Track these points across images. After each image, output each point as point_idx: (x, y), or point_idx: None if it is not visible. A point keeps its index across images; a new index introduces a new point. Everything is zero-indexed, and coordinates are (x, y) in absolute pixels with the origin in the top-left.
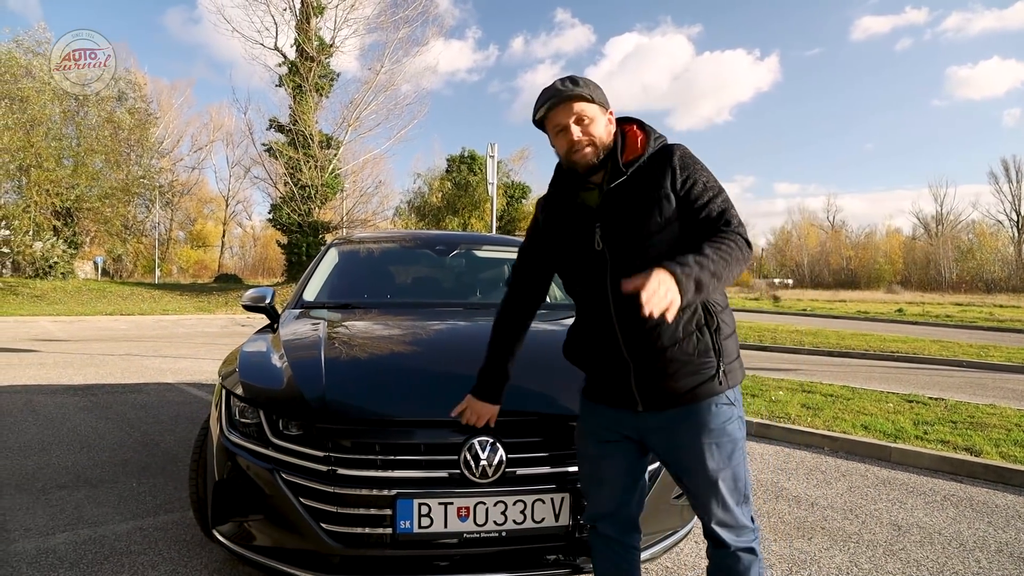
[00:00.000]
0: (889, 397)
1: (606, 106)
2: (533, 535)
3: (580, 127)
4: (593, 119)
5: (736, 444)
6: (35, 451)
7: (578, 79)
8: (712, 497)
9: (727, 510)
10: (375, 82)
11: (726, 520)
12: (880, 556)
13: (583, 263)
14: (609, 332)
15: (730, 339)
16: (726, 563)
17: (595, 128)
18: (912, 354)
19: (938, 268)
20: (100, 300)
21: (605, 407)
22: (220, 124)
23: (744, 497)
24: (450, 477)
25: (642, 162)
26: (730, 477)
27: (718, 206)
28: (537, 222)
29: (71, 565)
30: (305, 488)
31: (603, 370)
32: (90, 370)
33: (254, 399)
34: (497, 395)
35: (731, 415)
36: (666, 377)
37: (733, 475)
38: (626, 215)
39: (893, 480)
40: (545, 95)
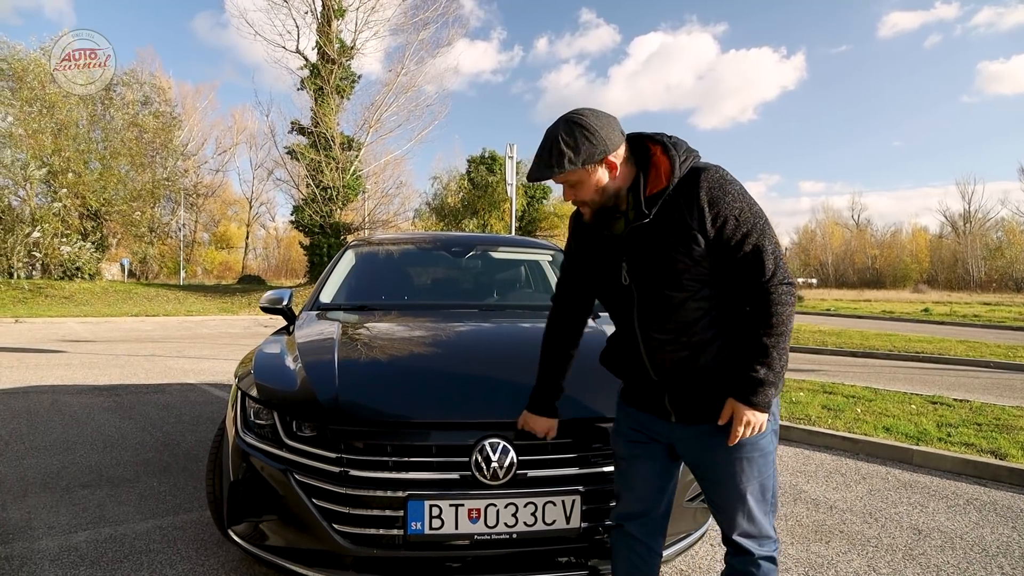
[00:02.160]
0: (912, 398)
1: (597, 158)
2: (544, 537)
3: (571, 191)
4: (579, 183)
5: (767, 457)
6: (60, 450)
7: (563, 143)
8: (739, 509)
9: (752, 521)
10: (395, 83)
11: (750, 531)
12: (899, 560)
13: (611, 293)
14: (638, 362)
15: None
16: (747, 570)
17: (584, 192)
18: (937, 354)
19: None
20: (126, 301)
21: (637, 411)
22: (243, 127)
23: (771, 507)
24: (461, 479)
25: (667, 195)
26: (758, 489)
27: (752, 244)
28: (570, 244)
29: (92, 563)
30: (318, 489)
31: (638, 384)
32: (115, 371)
33: (268, 400)
34: (552, 409)
35: (766, 429)
36: (700, 396)
37: (761, 487)
38: (652, 254)
39: (915, 483)
40: (531, 168)
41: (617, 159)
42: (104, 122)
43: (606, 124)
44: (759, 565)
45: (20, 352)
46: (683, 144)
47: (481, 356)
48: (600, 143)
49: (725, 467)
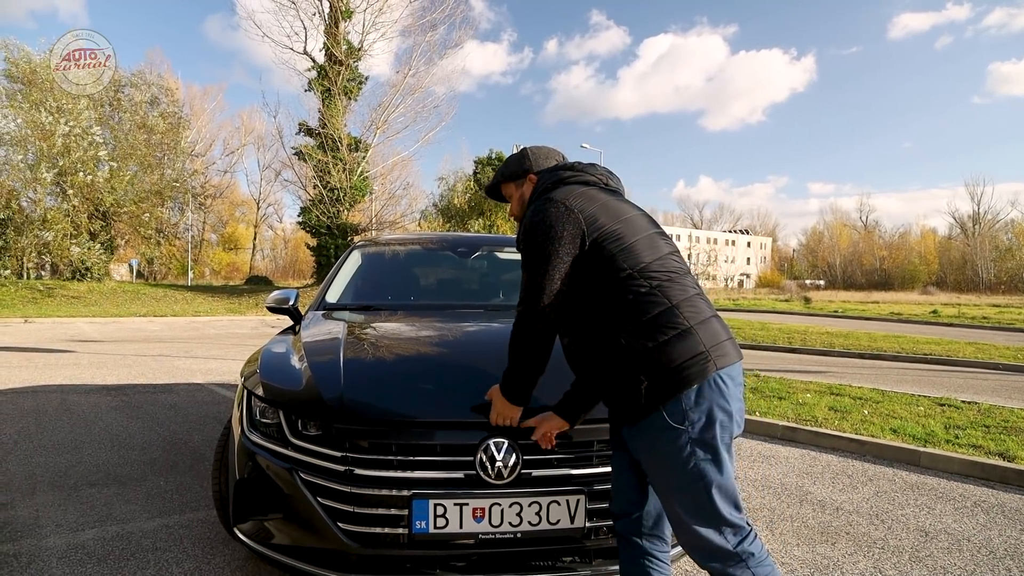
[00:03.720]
0: (920, 400)
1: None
2: (549, 536)
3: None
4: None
5: (685, 468)
6: (68, 449)
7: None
8: (671, 516)
9: (687, 532)
10: (403, 85)
11: (691, 542)
12: (905, 562)
13: None
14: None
15: (658, 349)
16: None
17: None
18: (946, 356)
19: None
20: (134, 302)
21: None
22: (251, 128)
23: (712, 521)
24: (466, 478)
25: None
26: (689, 499)
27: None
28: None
29: (99, 560)
30: (323, 488)
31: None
32: (123, 370)
33: (274, 400)
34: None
35: (672, 439)
36: (608, 399)
37: (692, 497)
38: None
39: (922, 485)
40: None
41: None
42: (113, 124)
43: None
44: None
45: (29, 352)
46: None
47: (487, 356)
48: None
49: (650, 472)
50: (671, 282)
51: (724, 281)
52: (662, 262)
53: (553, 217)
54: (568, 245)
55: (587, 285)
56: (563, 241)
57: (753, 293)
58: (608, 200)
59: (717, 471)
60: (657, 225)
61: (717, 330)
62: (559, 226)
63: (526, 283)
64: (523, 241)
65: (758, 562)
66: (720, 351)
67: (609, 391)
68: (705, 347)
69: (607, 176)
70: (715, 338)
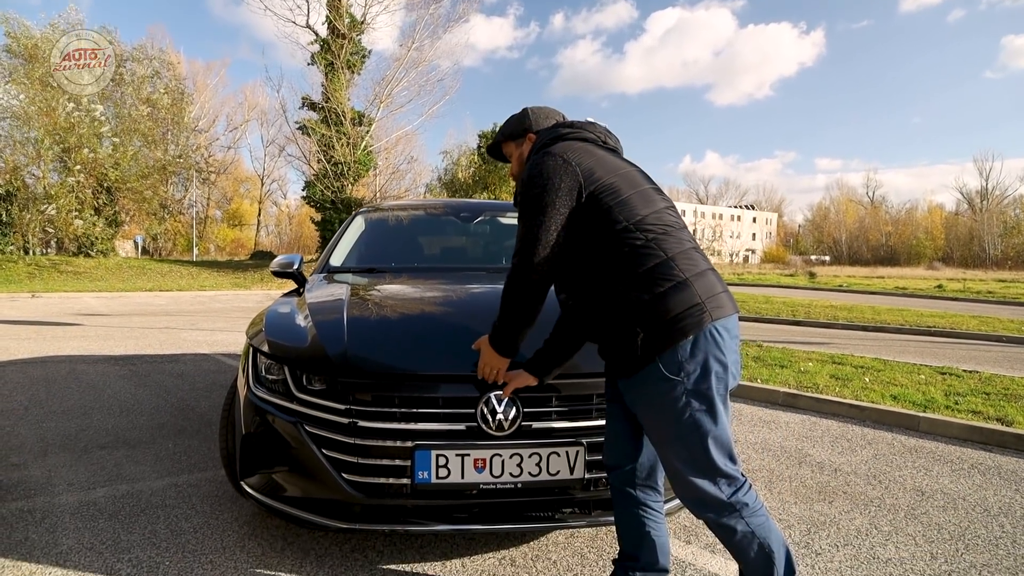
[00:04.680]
0: (921, 369)
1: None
2: (548, 487)
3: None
4: (509, 156)
5: (680, 419)
6: (78, 415)
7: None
8: (667, 467)
9: (683, 483)
10: (407, 58)
11: (686, 492)
12: (901, 519)
13: None
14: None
15: (654, 301)
16: (716, 532)
17: (513, 165)
18: (949, 328)
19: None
20: (140, 277)
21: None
22: (255, 103)
23: (707, 471)
24: (467, 430)
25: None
26: (684, 450)
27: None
28: None
29: (110, 516)
30: (328, 440)
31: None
32: (130, 342)
33: (279, 355)
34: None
35: (668, 390)
36: (604, 351)
37: (688, 448)
38: None
39: (920, 448)
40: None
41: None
42: (116, 99)
43: (541, 114)
44: (722, 529)
45: (37, 325)
46: (553, 132)
47: (489, 312)
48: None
49: (643, 421)
50: (666, 235)
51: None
52: (657, 215)
53: (551, 169)
54: (565, 197)
55: (583, 239)
56: (560, 193)
57: (758, 268)
58: (605, 155)
59: (712, 422)
60: (652, 181)
61: (713, 282)
62: (556, 178)
63: (522, 235)
64: (520, 194)
65: (752, 512)
66: (716, 303)
67: (605, 344)
68: (701, 299)
69: (605, 134)
70: (711, 290)
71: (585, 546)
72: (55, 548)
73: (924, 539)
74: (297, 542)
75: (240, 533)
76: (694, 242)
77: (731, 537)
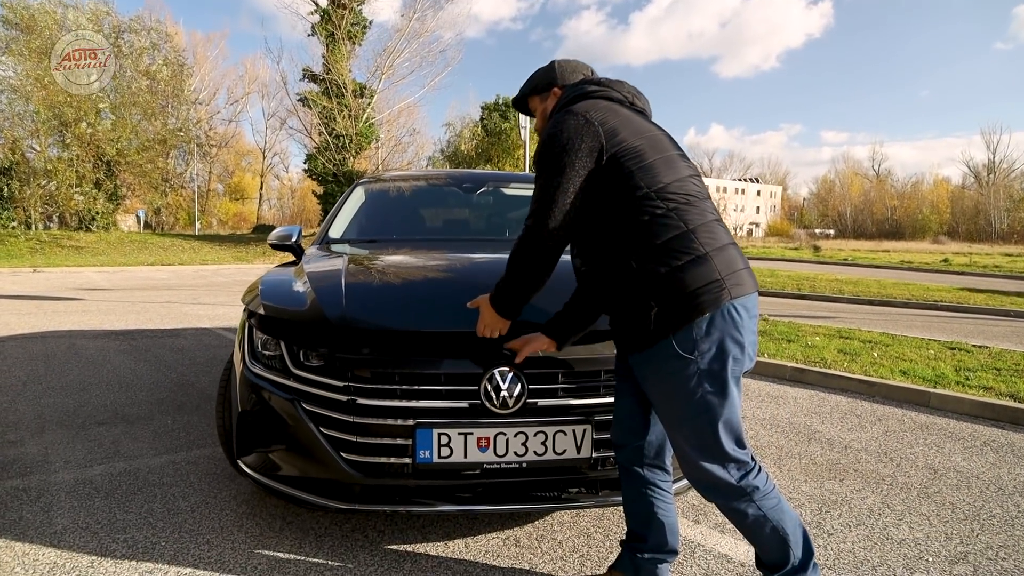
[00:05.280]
0: (930, 344)
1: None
2: (554, 466)
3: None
4: (534, 111)
5: (690, 399)
6: (76, 390)
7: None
8: (676, 448)
9: (691, 465)
10: (408, 29)
11: (694, 475)
12: (914, 498)
13: None
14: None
15: (671, 274)
16: (729, 516)
17: (537, 120)
18: (956, 303)
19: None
20: (142, 251)
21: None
22: (255, 76)
23: (716, 455)
24: (470, 407)
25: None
26: (693, 433)
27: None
28: None
29: (106, 494)
30: (325, 418)
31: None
32: (131, 316)
33: (275, 318)
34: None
35: (680, 368)
36: (616, 325)
37: (697, 430)
38: None
39: (931, 425)
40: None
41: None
42: (115, 72)
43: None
44: (733, 512)
45: (38, 300)
46: (578, 89)
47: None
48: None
49: (652, 399)
50: (689, 205)
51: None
52: (681, 184)
53: (572, 129)
54: (585, 158)
55: (601, 204)
56: (580, 154)
57: (762, 242)
58: (631, 116)
59: (724, 405)
60: (679, 147)
61: (734, 258)
62: (577, 138)
63: (538, 195)
64: (539, 152)
65: (763, 495)
66: (736, 280)
67: (618, 316)
68: (720, 275)
69: (634, 95)
70: (731, 266)
71: (591, 526)
72: (49, 528)
73: (938, 519)
74: (296, 521)
75: (238, 512)
76: (717, 214)
77: (743, 521)
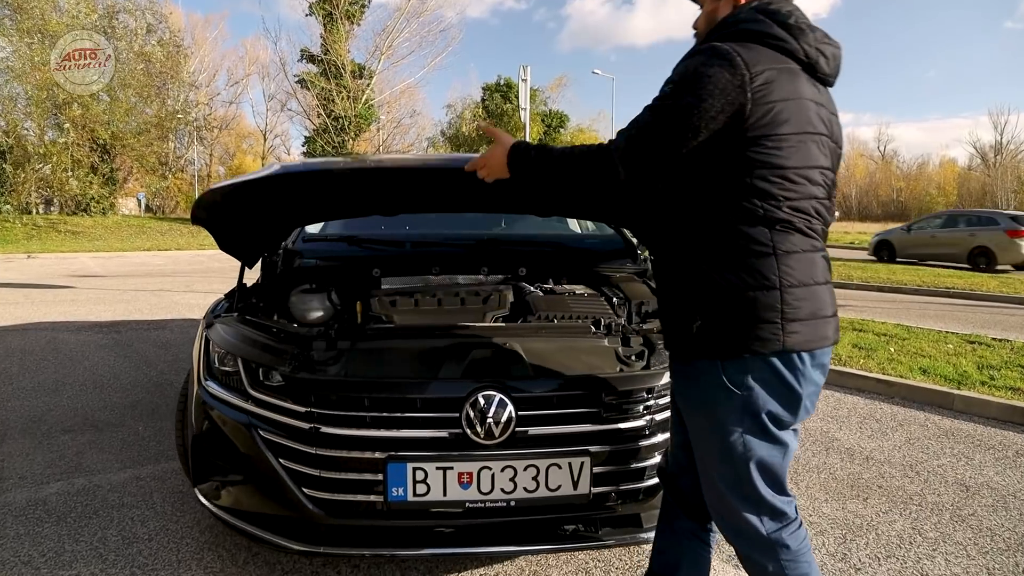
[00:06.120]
0: (948, 337)
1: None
2: (547, 505)
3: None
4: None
5: (730, 435)
6: (48, 391)
7: None
8: (705, 481)
9: (720, 502)
10: (408, 8)
11: (720, 512)
12: (947, 522)
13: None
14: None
15: (736, 295)
16: (745, 565)
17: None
18: (969, 290)
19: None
20: (139, 236)
21: None
22: (255, 57)
23: (749, 498)
24: (451, 438)
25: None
26: (728, 470)
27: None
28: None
29: (58, 519)
30: (285, 448)
31: None
32: (120, 306)
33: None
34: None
35: (724, 398)
36: (669, 329)
37: (731, 469)
38: None
39: (957, 431)
40: None
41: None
42: None
43: None
44: (754, 565)
45: (28, 288)
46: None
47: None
48: None
49: (689, 424)
50: (791, 225)
51: None
52: (799, 203)
53: (719, 85)
54: (710, 124)
55: (696, 186)
56: (707, 120)
57: None
58: (806, 101)
59: (767, 447)
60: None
61: (822, 302)
62: (716, 100)
63: (638, 120)
64: (669, 82)
65: (792, 556)
66: (813, 328)
67: (673, 319)
68: (793, 316)
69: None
70: (814, 311)
71: (590, 560)
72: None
73: (976, 549)
74: (262, 554)
75: (199, 542)
76: (823, 240)
77: (758, 575)
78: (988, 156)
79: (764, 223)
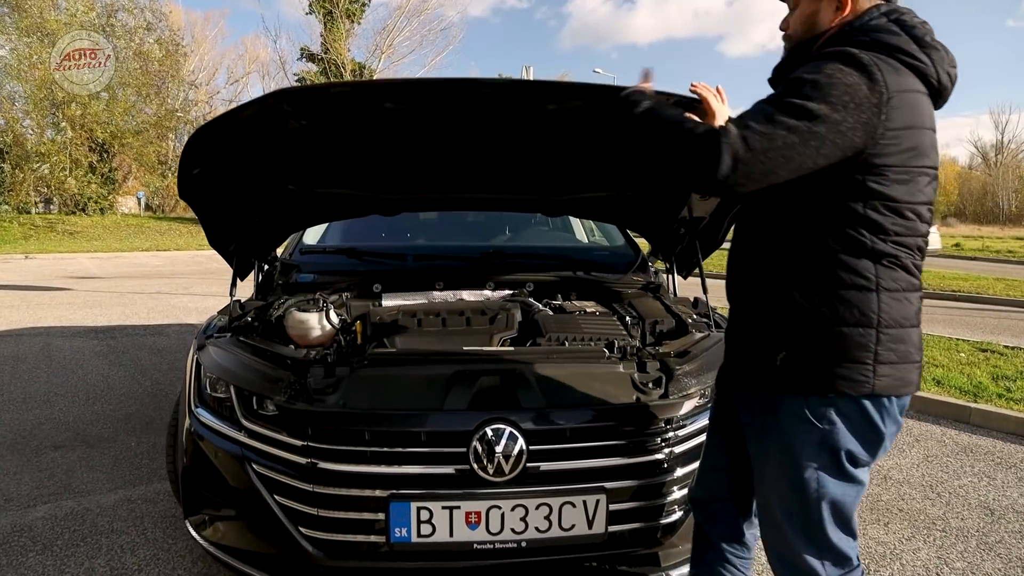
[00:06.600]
0: (960, 345)
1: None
2: (561, 546)
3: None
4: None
5: (804, 470)
6: (39, 403)
7: None
8: (766, 516)
9: (782, 543)
10: (408, 6)
11: (780, 552)
12: (973, 551)
13: None
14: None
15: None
16: None
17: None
18: (976, 293)
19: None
20: (138, 236)
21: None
22: (255, 55)
23: (814, 539)
24: (458, 474)
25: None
26: (795, 505)
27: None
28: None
29: (44, 547)
30: (281, 485)
31: None
32: (116, 310)
33: None
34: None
35: (803, 431)
36: (734, 343)
37: (801, 506)
38: None
39: (976, 448)
40: None
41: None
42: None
43: None
44: None
45: (24, 290)
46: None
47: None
48: None
49: (758, 460)
50: (898, 261)
51: None
52: (907, 239)
53: (860, 98)
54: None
55: (800, 205)
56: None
57: None
58: (929, 136)
59: (841, 485)
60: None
61: (912, 346)
62: (851, 115)
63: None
64: (791, 87)
65: None
66: (900, 374)
67: (752, 346)
68: (890, 361)
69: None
70: (905, 355)
71: None
72: None
73: None
74: None
75: (191, 573)
76: (919, 280)
77: None
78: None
79: (870, 256)
